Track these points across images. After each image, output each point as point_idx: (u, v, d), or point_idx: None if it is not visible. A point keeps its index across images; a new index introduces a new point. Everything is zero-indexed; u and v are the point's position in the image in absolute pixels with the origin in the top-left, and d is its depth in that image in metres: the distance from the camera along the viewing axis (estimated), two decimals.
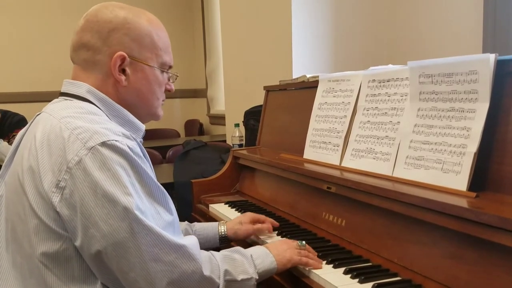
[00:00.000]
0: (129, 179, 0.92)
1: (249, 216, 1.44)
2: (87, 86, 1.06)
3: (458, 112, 1.11)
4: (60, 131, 0.95)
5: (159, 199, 0.98)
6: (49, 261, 0.94)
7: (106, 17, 1.06)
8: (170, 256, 0.94)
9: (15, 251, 0.99)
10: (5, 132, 2.99)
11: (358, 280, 1.05)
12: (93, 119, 0.99)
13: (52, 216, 0.92)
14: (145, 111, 1.14)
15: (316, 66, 2.64)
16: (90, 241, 0.91)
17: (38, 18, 5.56)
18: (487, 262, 0.91)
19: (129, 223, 0.90)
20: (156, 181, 0.99)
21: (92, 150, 0.91)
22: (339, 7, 2.68)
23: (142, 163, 0.96)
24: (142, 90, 1.10)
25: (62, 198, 0.91)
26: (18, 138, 1.10)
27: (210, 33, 5.78)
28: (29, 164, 0.96)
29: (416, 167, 1.18)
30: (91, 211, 0.90)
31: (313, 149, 1.63)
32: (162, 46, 1.12)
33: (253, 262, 1.09)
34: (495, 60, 1.03)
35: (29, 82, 5.48)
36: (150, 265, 0.92)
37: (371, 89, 1.43)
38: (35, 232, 0.94)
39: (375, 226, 1.22)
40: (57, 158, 0.93)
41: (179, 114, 6.41)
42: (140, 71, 1.09)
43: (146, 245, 0.91)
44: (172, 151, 3.74)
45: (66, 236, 0.93)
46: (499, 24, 2.17)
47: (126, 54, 1.06)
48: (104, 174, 0.90)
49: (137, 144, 1.00)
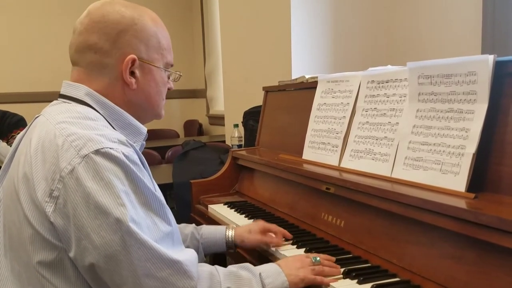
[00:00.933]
0: (124, 188, 0.89)
1: (260, 226, 1.36)
2: (85, 88, 1.03)
3: (457, 113, 1.11)
4: (54, 137, 0.93)
5: (156, 209, 0.94)
6: (45, 270, 0.92)
7: (114, 18, 1.02)
8: (163, 272, 0.90)
9: (13, 259, 0.97)
10: (4, 132, 2.98)
11: (357, 280, 1.05)
12: (89, 124, 0.96)
13: (47, 227, 0.90)
14: (151, 112, 1.12)
15: (315, 67, 2.64)
16: (83, 253, 0.88)
17: (38, 18, 5.56)
18: (486, 263, 0.91)
19: (121, 235, 0.86)
20: (153, 191, 0.95)
21: (86, 158, 0.88)
22: (338, 8, 2.68)
23: (138, 171, 0.93)
24: (150, 92, 1.08)
25: (56, 208, 0.89)
26: (17, 141, 1.08)
27: (209, 33, 5.77)
28: (24, 171, 0.94)
29: (415, 168, 1.19)
30: (83, 222, 0.87)
31: (312, 149, 1.63)
32: (167, 46, 1.11)
33: (262, 282, 1.02)
34: (494, 61, 1.03)
35: (28, 82, 5.47)
36: (142, 281, 0.88)
37: (370, 90, 1.43)
38: (30, 242, 0.92)
39: (374, 227, 1.22)
40: (51, 166, 0.90)
41: (178, 115, 6.41)
42: (149, 73, 1.07)
43: (138, 260, 0.88)
44: (171, 152, 3.74)
45: (61, 247, 0.91)
46: (498, 25, 2.18)
47: (136, 56, 1.03)
48: (97, 184, 0.87)
49: (134, 151, 0.96)
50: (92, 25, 1.02)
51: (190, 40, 6.38)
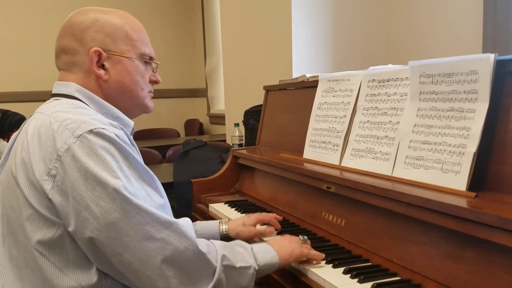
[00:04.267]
0: (117, 164, 0.95)
1: (253, 218, 1.42)
2: (75, 85, 1.10)
3: (458, 112, 1.11)
4: (49, 124, 0.99)
5: (149, 182, 1.01)
6: (44, 249, 0.96)
7: (78, 19, 1.11)
8: (162, 233, 0.95)
9: (11, 244, 1.00)
10: (4, 131, 2.99)
11: (357, 279, 1.05)
12: (82, 111, 1.03)
13: (45, 204, 0.95)
14: (131, 102, 1.17)
15: (316, 66, 2.64)
16: (82, 225, 0.92)
17: (38, 18, 5.56)
18: (487, 262, 0.91)
19: (120, 203, 0.92)
20: (145, 166, 1.02)
21: (80, 138, 0.94)
22: (339, 6, 2.68)
23: (130, 149, 0.99)
24: (124, 82, 1.13)
25: (54, 185, 0.94)
26: (12, 139, 1.13)
27: (210, 33, 5.77)
28: (21, 158, 0.99)
29: (416, 167, 1.18)
30: (82, 195, 0.92)
31: (312, 148, 1.63)
32: (138, 38, 1.15)
33: (254, 255, 1.09)
34: (494, 60, 1.03)
35: (28, 82, 5.47)
36: (143, 244, 0.93)
37: (370, 89, 1.43)
38: (30, 221, 0.96)
39: (375, 226, 1.22)
40: (47, 148, 0.96)
41: (179, 114, 6.40)
42: (118, 63, 1.12)
43: (137, 224, 0.93)
44: (172, 151, 3.75)
45: (60, 223, 0.95)
46: (499, 24, 2.17)
47: (102, 49, 1.10)
48: (93, 159, 0.93)
49: (124, 133, 1.03)
50: (63, 31, 1.13)
51: (191, 39, 6.38)
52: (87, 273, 0.97)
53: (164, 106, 5.90)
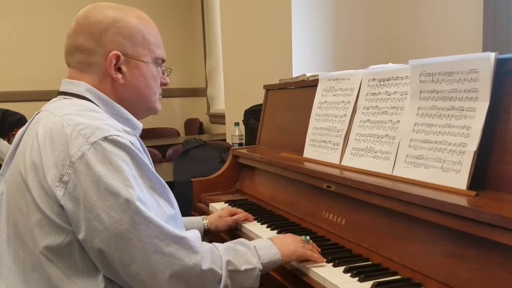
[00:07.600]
0: (131, 172, 0.94)
1: (227, 210, 1.57)
2: (86, 85, 1.08)
3: (458, 111, 1.11)
4: (62, 127, 0.97)
5: (161, 192, 1.00)
6: (52, 255, 0.95)
7: (96, 18, 1.07)
8: (170, 248, 0.94)
9: (17, 246, 0.99)
10: (4, 131, 2.98)
11: (358, 278, 1.05)
12: (94, 116, 1.01)
13: (56, 210, 0.94)
14: (144, 106, 1.16)
15: (316, 65, 2.64)
16: (92, 234, 0.92)
17: (38, 18, 5.56)
18: (487, 261, 0.91)
19: (131, 215, 0.91)
20: (158, 175, 1.01)
21: (95, 145, 0.93)
22: (339, 5, 2.68)
23: (143, 157, 0.99)
24: (139, 86, 1.12)
25: (66, 191, 0.93)
26: (18, 137, 1.11)
27: (210, 32, 5.77)
28: (31, 160, 0.97)
29: (416, 165, 1.18)
30: (93, 204, 0.91)
31: (313, 148, 1.63)
32: (154, 41, 1.14)
33: (257, 253, 1.09)
34: (495, 59, 1.03)
35: (29, 81, 5.47)
36: (151, 257, 0.92)
37: (371, 88, 1.43)
38: (39, 226, 0.95)
39: (375, 225, 1.22)
40: (60, 153, 0.94)
41: (179, 113, 6.41)
42: (136, 68, 1.11)
43: (147, 237, 0.92)
44: (172, 150, 3.74)
45: (69, 230, 0.94)
46: (499, 23, 2.17)
47: (120, 52, 1.07)
48: (106, 167, 0.92)
49: (137, 140, 1.02)
50: (78, 28, 1.08)
51: (191, 39, 6.38)
52: (94, 280, 0.96)
53: (164, 105, 5.83)
